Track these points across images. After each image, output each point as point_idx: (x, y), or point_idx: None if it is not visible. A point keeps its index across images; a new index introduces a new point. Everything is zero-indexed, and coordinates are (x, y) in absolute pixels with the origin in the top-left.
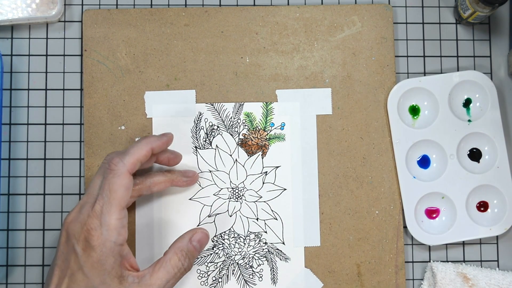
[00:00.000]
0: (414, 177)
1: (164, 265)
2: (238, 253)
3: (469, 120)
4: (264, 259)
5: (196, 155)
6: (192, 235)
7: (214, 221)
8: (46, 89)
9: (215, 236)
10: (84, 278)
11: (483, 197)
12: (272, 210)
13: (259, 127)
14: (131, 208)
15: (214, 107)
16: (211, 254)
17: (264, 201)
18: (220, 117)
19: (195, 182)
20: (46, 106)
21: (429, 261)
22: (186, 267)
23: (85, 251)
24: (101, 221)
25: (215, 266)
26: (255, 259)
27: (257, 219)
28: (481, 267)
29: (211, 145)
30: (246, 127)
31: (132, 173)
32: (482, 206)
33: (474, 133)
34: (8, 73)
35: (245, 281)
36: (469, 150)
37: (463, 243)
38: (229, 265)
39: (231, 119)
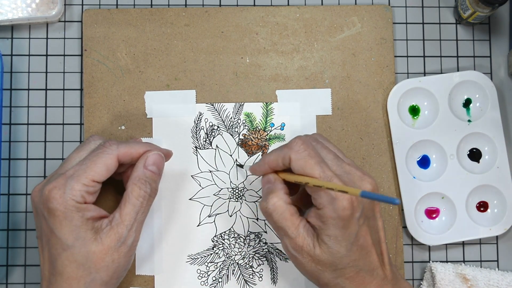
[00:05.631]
0: (414, 177)
1: (128, 199)
2: (238, 253)
3: (469, 120)
4: (264, 259)
5: (196, 155)
6: (144, 161)
7: (214, 221)
8: (46, 89)
9: (215, 236)
10: (57, 240)
11: (483, 197)
12: None
13: (259, 127)
14: None
15: (214, 107)
16: (211, 254)
17: None
18: (220, 117)
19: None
20: (46, 106)
21: (429, 261)
22: (150, 192)
23: (50, 212)
24: (66, 182)
25: (215, 266)
26: (255, 259)
27: (257, 219)
28: (481, 267)
29: (211, 145)
30: (246, 127)
31: (119, 163)
32: (482, 206)
33: (474, 133)
34: (8, 73)
35: (245, 281)
36: (469, 150)
37: (463, 243)
38: (229, 265)
39: (231, 119)
